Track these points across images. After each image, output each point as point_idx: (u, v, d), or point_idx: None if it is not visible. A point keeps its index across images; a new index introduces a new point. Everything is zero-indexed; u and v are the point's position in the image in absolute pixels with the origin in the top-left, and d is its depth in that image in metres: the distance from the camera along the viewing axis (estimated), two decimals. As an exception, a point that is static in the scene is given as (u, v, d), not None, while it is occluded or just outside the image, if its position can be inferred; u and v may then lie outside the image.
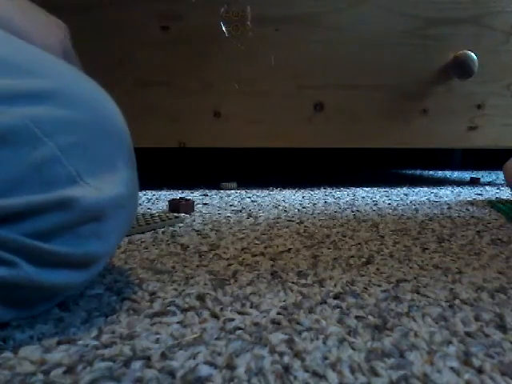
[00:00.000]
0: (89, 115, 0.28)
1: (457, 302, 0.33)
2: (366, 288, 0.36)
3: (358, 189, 0.91)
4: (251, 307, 0.32)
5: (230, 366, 0.24)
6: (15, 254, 0.25)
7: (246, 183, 0.95)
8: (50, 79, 0.28)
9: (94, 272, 0.30)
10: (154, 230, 0.55)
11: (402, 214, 0.65)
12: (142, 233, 0.53)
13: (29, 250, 0.25)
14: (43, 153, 0.25)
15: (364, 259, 0.44)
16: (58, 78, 0.28)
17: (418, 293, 0.35)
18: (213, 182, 0.94)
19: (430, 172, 1.29)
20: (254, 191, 0.87)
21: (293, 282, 0.37)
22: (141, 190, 0.38)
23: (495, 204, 0.72)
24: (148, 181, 0.92)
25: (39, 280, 0.26)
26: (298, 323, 0.29)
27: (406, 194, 0.85)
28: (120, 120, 0.31)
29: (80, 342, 0.27)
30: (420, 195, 0.84)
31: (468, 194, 0.87)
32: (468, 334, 0.28)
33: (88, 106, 0.28)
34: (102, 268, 0.31)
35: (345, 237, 0.52)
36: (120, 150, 0.30)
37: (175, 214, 0.61)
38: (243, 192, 0.86)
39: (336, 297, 0.34)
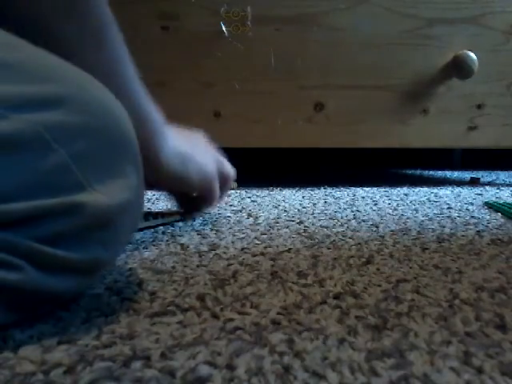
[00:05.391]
0: (99, 122, 0.28)
1: (457, 301, 0.33)
2: (365, 288, 0.36)
3: (358, 189, 0.91)
4: (251, 307, 0.32)
5: (230, 366, 0.24)
6: (21, 258, 0.25)
7: (245, 183, 0.95)
8: (62, 85, 0.28)
9: (96, 277, 0.30)
10: (154, 227, 0.55)
11: (402, 214, 0.65)
12: (154, 227, 0.54)
13: (35, 254, 0.25)
14: (53, 160, 0.26)
15: (364, 259, 0.44)
16: (69, 83, 0.28)
17: (417, 293, 0.35)
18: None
19: (430, 172, 1.29)
20: (254, 191, 0.87)
21: (293, 282, 0.37)
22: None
23: (493, 204, 0.72)
24: (148, 181, 0.92)
25: (43, 285, 0.26)
26: (298, 323, 0.29)
27: (406, 194, 0.85)
28: (129, 127, 0.31)
29: (80, 342, 0.27)
30: (420, 195, 0.84)
31: (468, 194, 0.87)
32: (468, 333, 0.28)
33: (99, 113, 0.28)
34: (103, 272, 0.31)
35: (345, 237, 0.52)
36: (128, 157, 0.30)
37: (177, 210, 0.61)
38: (243, 192, 0.86)
39: (336, 297, 0.34)
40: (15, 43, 0.28)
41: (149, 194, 0.82)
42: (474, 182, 1.05)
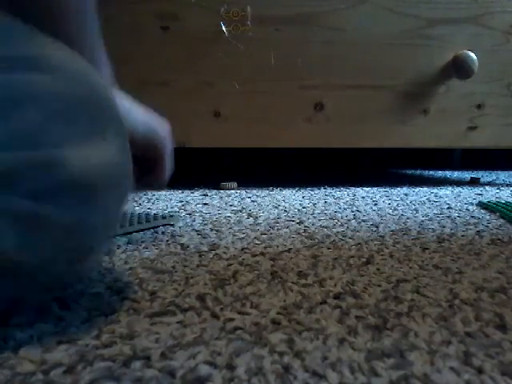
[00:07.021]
0: (78, 87, 0.28)
1: (457, 301, 0.33)
2: (365, 288, 0.36)
3: (358, 189, 0.91)
4: (251, 307, 0.32)
5: (230, 366, 0.24)
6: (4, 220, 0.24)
7: (245, 183, 0.95)
8: (44, 50, 0.28)
9: (85, 248, 0.29)
10: (148, 229, 0.55)
11: (402, 214, 0.65)
12: (137, 232, 0.53)
13: (16, 210, 0.24)
14: (29, 117, 0.25)
15: (364, 259, 0.44)
16: (50, 49, 0.29)
17: (418, 293, 0.35)
18: (213, 182, 0.94)
19: (430, 172, 1.29)
20: (254, 191, 0.87)
21: (293, 282, 0.37)
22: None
23: (487, 205, 0.72)
24: (148, 181, 0.92)
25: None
26: (298, 323, 0.29)
27: (406, 194, 0.85)
28: (107, 93, 0.31)
29: (80, 342, 0.27)
30: (420, 195, 0.84)
31: (468, 194, 0.87)
32: (468, 333, 0.28)
33: (77, 79, 0.29)
34: (96, 251, 0.30)
35: (345, 237, 0.52)
36: (108, 123, 0.30)
37: (170, 214, 0.61)
38: (243, 192, 0.86)
39: (336, 297, 0.34)
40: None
41: (149, 194, 0.82)
42: (474, 182, 1.05)
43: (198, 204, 0.73)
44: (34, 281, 0.27)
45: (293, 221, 0.61)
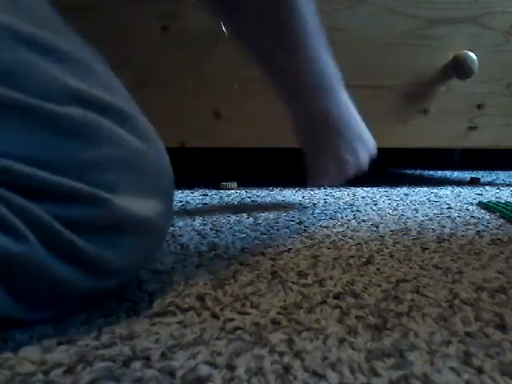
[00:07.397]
0: (150, 149, 0.31)
1: (457, 301, 0.33)
2: (365, 288, 0.36)
3: (358, 189, 0.91)
4: (251, 307, 0.32)
5: (230, 366, 0.24)
6: (32, 231, 0.25)
7: (245, 183, 0.95)
8: (127, 104, 0.31)
9: (100, 285, 0.29)
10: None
11: (402, 214, 0.65)
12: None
13: (48, 230, 0.25)
14: (97, 153, 0.27)
15: (364, 259, 0.44)
16: (132, 106, 0.32)
17: (417, 293, 0.35)
18: (213, 182, 0.94)
19: (430, 172, 1.29)
20: (254, 191, 0.87)
21: (293, 282, 0.37)
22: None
23: (487, 205, 0.72)
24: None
25: (46, 264, 0.26)
26: (298, 323, 0.29)
27: (406, 194, 0.85)
28: (168, 160, 0.33)
29: (80, 343, 0.27)
30: (420, 195, 0.84)
31: (468, 194, 0.87)
32: (468, 334, 0.28)
33: (147, 138, 0.31)
34: (109, 286, 0.31)
35: (345, 237, 0.52)
36: (162, 186, 0.32)
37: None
38: (243, 192, 0.86)
39: (336, 297, 0.34)
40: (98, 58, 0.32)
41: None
42: (474, 182, 1.05)
43: (198, 204, 0.73)
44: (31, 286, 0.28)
45: (293, 221, 0.61)
